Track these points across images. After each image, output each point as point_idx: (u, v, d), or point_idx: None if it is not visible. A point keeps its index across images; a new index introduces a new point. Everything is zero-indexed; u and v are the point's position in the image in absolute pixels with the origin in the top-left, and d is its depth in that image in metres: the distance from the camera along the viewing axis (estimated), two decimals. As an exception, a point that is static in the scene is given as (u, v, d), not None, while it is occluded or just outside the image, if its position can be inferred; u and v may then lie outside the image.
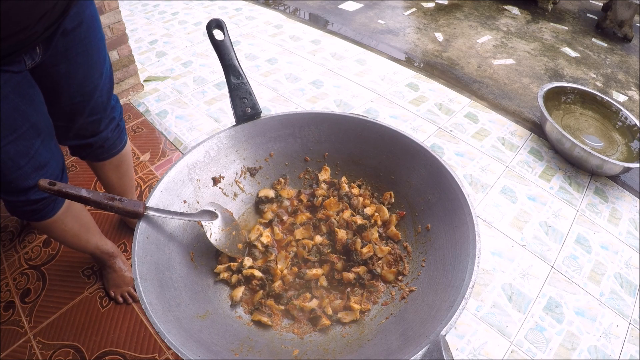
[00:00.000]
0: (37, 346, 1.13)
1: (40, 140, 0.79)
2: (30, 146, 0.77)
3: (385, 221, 0.76)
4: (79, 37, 0.81)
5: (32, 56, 0.73)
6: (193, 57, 2.30)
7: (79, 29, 0.80)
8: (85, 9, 0.81)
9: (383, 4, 3.03)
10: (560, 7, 3.10)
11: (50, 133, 0.83)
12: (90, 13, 0.84)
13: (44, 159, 0.80)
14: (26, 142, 0.76)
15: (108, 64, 0.95)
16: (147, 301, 0.52)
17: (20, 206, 0.85)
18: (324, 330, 0.64)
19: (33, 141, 0.77)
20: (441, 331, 0.48)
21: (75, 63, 0.84)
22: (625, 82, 2.35)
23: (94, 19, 0.86)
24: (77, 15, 0.79)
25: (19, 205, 0.85)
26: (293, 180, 0.84)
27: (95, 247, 1.14)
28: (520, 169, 1.70)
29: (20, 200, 0.83)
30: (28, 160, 0.77)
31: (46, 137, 0.81)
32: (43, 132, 0.79)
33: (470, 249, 0.58)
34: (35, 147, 0.78)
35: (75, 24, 0.79)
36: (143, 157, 1.71)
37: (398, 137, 0.76)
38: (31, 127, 0.76)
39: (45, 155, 0.81)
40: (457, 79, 2.26)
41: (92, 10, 0.85)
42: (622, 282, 1.35)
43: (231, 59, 0.73)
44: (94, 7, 0.86)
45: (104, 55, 0.93)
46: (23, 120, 0.74)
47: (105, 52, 0.93)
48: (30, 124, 0.76)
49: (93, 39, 0.86)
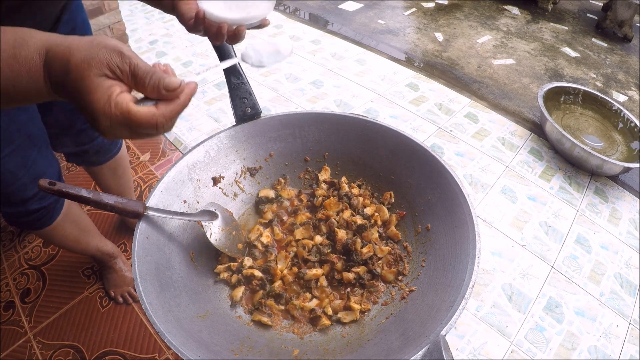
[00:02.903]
0: (37, 346, 1.13)
1: (37, 150, 0.78)
2: (27, 157, 0.76)
3: (385, 221, 0.76)
4: None
5: None
6: (193, 57, 2.30)
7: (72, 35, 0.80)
8: (77, 15, 0.81)
9: (383, 4, 3.03)
10: (560, 7, 3.10)
11: (46, 142, 0.83)
12: (82, 19, 0.84)
13: (41, 168, 0.80)
14: (23, 153, 0.75)
15: None
16: (147, 301, 0.52)
17: (19, 217, 0.85)
18: (324, 330, 0.64)
19: (30, 152, 0.77)
20: (441, 331, 0.48)
21: None
22: (625, 82, 2.35)
23: (85, 25, 0.86)
24: (69, 22, 0.78)
25: (17, 216, 0.84)
26: (293, 180, 0.84)
27: (95, 249, 1.14)
28: (520, 169, 1.70)
29: (19, 211, 0.83)
30: (26, 171, 0.77)
31: (42, 146, 0.80)
32: (39, 142, 0.79)
33: (470, 249, 0.58)
34: (32, 157, 0.77)
35: (68, 30, 0.79)
36: (143, 157, 1.71)
37: (398, 137, 0.75)
38: (27, 138, 0.76)
39: (42, 164, 0.80)
40: (457, 79, 2.26)
41: (84, 16, 0.85)
42: (622, 282, 1.35)
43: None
44: (85, 13, 0.86)
45: None
46: (19, 131, 0.73)
47: None
48: (27, 134, 0.75)
49: None
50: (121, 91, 0.37)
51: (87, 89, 0.36)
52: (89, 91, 0.36)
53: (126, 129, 0.37)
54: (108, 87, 0.36)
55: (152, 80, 0.38)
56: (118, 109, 0.36)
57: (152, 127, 0.38)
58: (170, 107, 0.39)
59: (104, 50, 0.37)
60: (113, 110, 0.36)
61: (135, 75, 0.38)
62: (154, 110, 0.38)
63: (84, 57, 0.36)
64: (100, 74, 0.36)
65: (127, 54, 0.38)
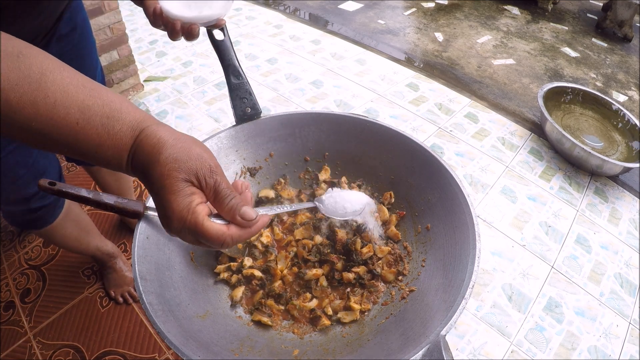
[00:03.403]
0: (37, 346, 1.13)
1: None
2: (28, 155, 0.76)
3: (385, 221, 0.76)
4: (73, 42, 0.81)
5: None
6: (193, 57, 2.30)
7: (72, 34, 0.80)
8: (78, 13, 0.81)
9: (383, 4, 3.03)
10: (560, 7, 3.10)
11: None
12: (83, 17, 0.84)
13: (42, 166, 0.80)
14: (24, 151, 0.76)
15: (99, 68, 0.95)
16: (147, 301, 0.52)
17: (20, 215, 0.85)
18: (324, 330, 0.64)
19: (31, 150, 0.77)
20: (441, 331, 0.48)
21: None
22: (625, 82, 2.35)
23: (86, 24, 0.86)
24: (70, 20, 0.78)
25: (19, 215, 0.85)
26: (293, 180, 0.84)
27: (95, 249, 1.14)
28: (520, 169, 1.70)
29: (21, 210, 0.83)
30: (27, 170, 0.77)
31: None
32: None
33: (470, 249, 0.58)
34: (33, 155, 0.77)
35: (69, 29, 0.79)
36: (143, 157, 1.71)
37: (398, 137, 0.75)
38: None
39: (43, 162, 0.80)
40: (457, 79, 2.26)
41: (84, 14, 0.85)
42: (622, 282, 1.35)
43: (231, 59, 0.73)
44: (85, 12, 0.86)
45: (96, 60, 0.92)
46: None
47: (96, 57, 0.93)
48: None
49: (86, 44, 0.86)
50: (200, 202, 0.38)
51: (171, 188, 0.37)
52: (171, 191, 0.37)
53: (193, 237, 0.38)
54: (190, 194, 0.38)
55: (231, 204, 0.40)
56: (193, 218, 0.37)
57: (218, 244, 0.39)
58: (241, 232, 0.40)
59: (197, 159, 0.38)
60: (189, 217, 0.37)
61: (217, 193, 0.39)
62: (225, 230, 0.39)
63: (175, 158, 0.37)
64: (186, 180, 0.38)
65: (216, 170, 0.40)
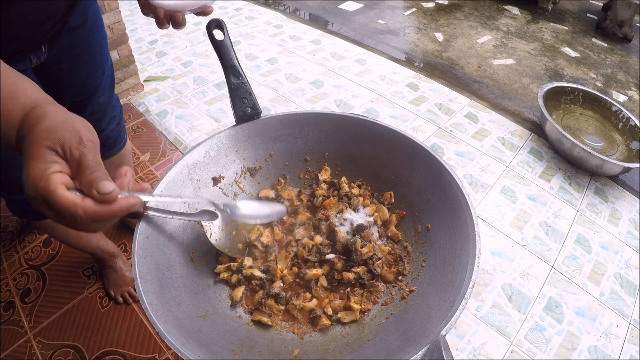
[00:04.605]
0: (37, 346, 1.13)
1: None
2: None
3: (385, 221, 0.76)
4: (83, 35, 0.82)
5: (37, 55, 0.73)
6: (193, 57, 2.30)
7: (83, 27, 0.81)
8: (90, 7, 0.82)
9: (383, 4, 3.03)
10: (560, 7, 3.10)
11: None
12: (94, 11, 0.84)
13: None
14: None
15: (110, 62, 0.95)
16: (147, 301, 0.52)
17: (22, 205, 0.85)
18: (324, 330, 0.64)
19: None
20: (441, 331, 0.48)
21: (79, 61, 0.84)
22: (625, 82, 2.35)
23: (97, 17, 0.86)
24: (82, 13, 0.79)
25: (21, 204, 0.85)
26: (293, 180, 0.84)
27: (96, 247, 1.14)
28: (520, 169, 1.70)
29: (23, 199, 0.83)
30: None
31: None
32: None
33: (470, 249, 0.58)
34: None
35: (80, 22, 0.79)
36: (143, 157, 1.71)
37: (398, 137, 0.75)
38: None
39: None
40: (457, 79, 2.26)
41: (96, 8, 0.85)
42: (622, 282, 1.35)
43: (231, 59, 0.73)
44: (97, 6, 0.86)
45: (106, 54, 0.93)
46: None
47: (107, 51, 0.93)
48: None
49: (96, 37, 0.86)
50: (59, 170, 0.36)
51: (31, 154, 0.36)
52: (31, 157, 0.36)
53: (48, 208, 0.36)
54: (49, 162, 0.36)
55: (91, 176, 0.37)
56: (45, 185, 0.35)
57: (70, 216, 0.36)
58: (95, 207, 0.36)
59: (69, 130, 0.37)
60: (41, 184, 0.35)
61: (80, 165, 0.37)
62: (78, 200, 0.36)
63: (48, 127, 0.36)
64: (50, 148, 0.36)
65: (86, 143, 0.37)
